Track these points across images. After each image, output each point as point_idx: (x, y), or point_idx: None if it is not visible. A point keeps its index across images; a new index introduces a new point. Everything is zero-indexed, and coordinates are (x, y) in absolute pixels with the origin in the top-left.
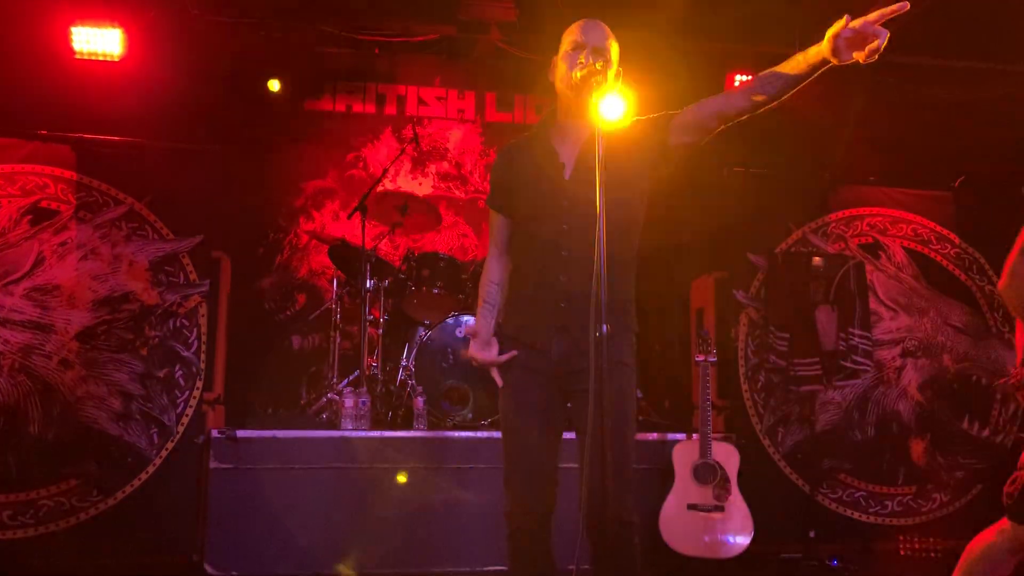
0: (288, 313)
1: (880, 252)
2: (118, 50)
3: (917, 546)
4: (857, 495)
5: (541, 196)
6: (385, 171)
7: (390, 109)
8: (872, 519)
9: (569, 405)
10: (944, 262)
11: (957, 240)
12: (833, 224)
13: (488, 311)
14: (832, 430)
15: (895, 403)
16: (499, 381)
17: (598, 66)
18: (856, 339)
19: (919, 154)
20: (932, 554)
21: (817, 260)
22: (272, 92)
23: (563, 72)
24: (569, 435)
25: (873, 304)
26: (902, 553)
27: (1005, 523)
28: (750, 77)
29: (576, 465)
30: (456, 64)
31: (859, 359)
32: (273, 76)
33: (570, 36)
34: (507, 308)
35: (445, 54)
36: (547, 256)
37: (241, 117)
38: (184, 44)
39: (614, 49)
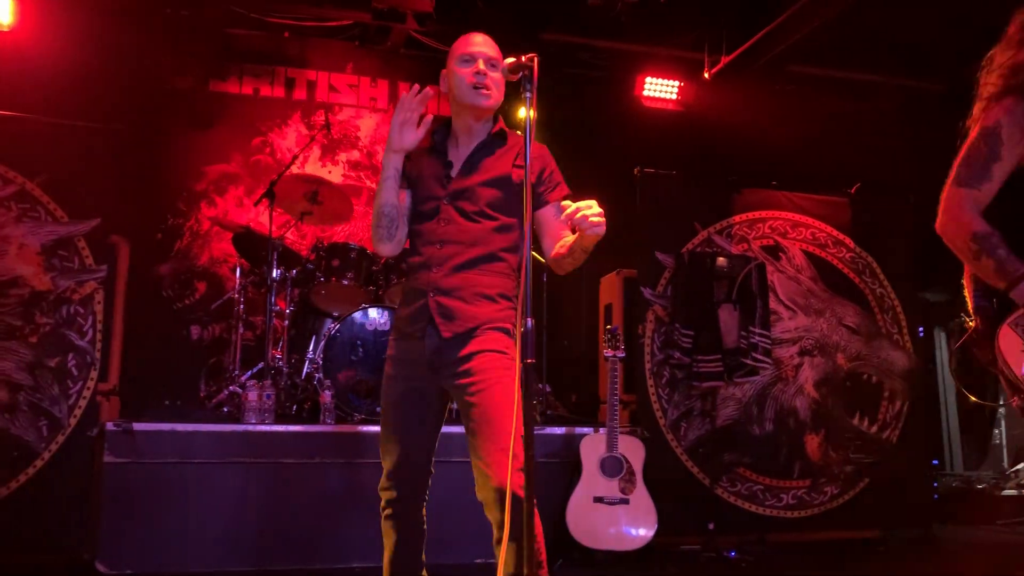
0: (187, 302)
1: (780, 254)
2: (7, 19)
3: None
4: (755, 488)
5: (427, 192)
6: (295, 157)
7: (299, 94)
8: (768, 511)
9: (452, 405)
10: (839, 265)
11: (852, 244)
12: (737, 226)
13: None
14: (732, 425)
15: (792, 400)
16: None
17: (527, 59)
18: (756, 337)
19: (819, 160)
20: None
21: (721, 260)
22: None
23: (460, 79)
24: (455, 429)
25: (773, 304)
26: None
27: None
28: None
29: (463, 459)
30: (369, 52)
31: (759, 357)
32: (177, 53)
33: (462, 48)
34: (401, 298)
35: (358, 41)
36: (426, 250)
37: (142, 95)
38: (82, 17)
39: (502, 60)
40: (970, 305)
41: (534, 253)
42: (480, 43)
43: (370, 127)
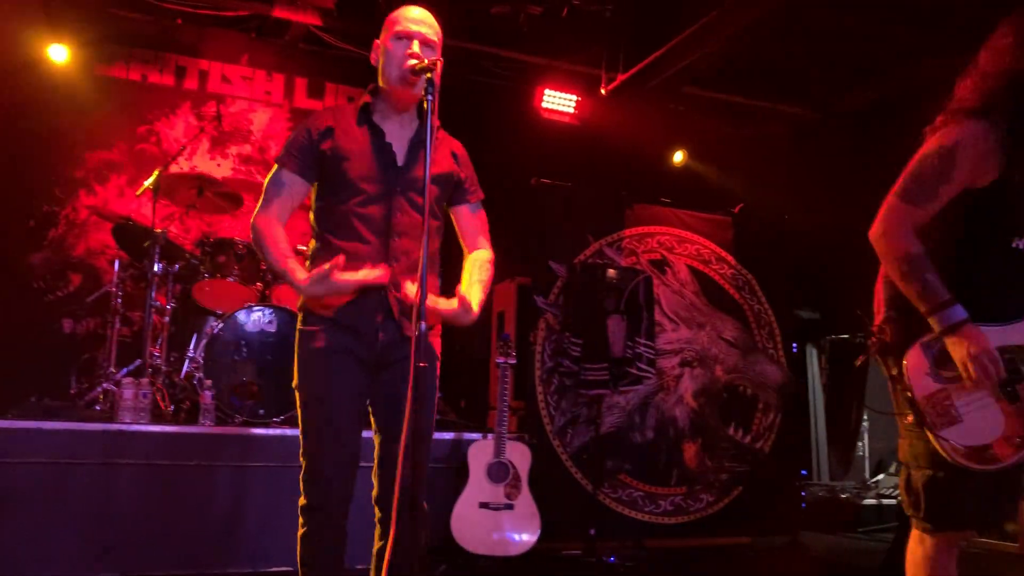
0: (60, 294)
1: (667, 268)
2: None
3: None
4: (635, 494)
5: (374, 177)
6: (182, 148)
7: (190, 83)
8: (647, 517)
9: (368, 402)
10: (721, 281)
11: (733, 261)
12: (627, 240)
13: (298, 264)
14: (616, 432)
15: (672, 409)
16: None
17: (431, 62)
18: (641, 348)
19: (706, 180)
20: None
21: (611, 272)
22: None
23: (392, 59)
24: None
25: (658, 316)
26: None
27: (917, 533)
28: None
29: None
30: (266, 44)
31: (643, 366)
32: (58, 32)
33: (399, 23)
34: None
35: (255, 33)
36: (377, 239)
37: (16, 74)
38: None
39: (440, 43)
40: (879, 312)
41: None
42: (418, 20)
43: (263, 121)
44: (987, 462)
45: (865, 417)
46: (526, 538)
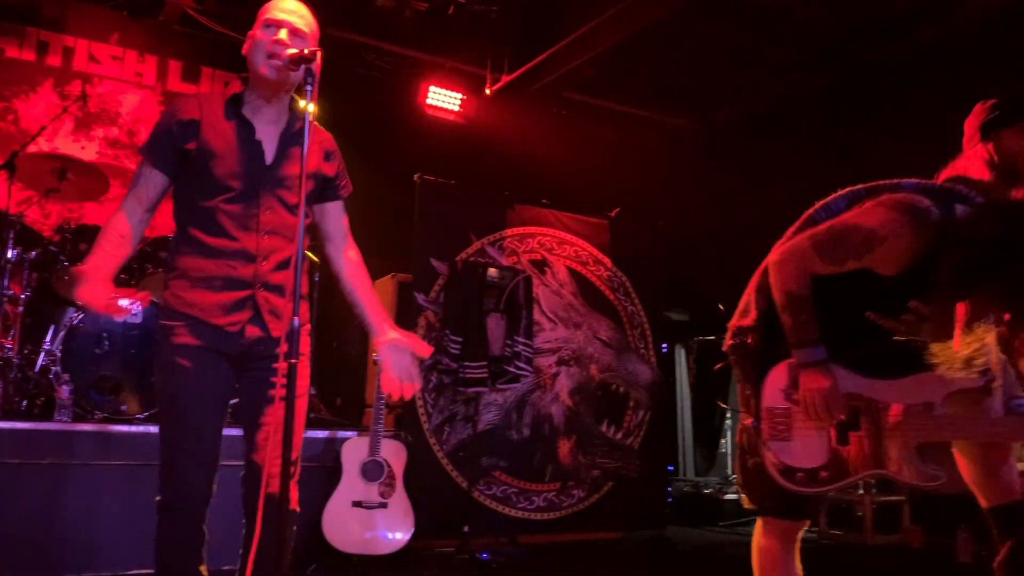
0: None
1: (546, 269)
2: None
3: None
4: (509, 491)
5: (241, 174)
6: (42, 128)
7: (53, 60)
8: (520, 514)
9: (235, 401)
10: (597, 282)
11: (609, 263)
12: (509, 239)
13: (107, 257)
14: (493, 430)
15: (549, 406)
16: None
17: (305, 52)
18: (520, 346)
19: (585, 183)
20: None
21: (492, 271)
22: None
23: (258, 46)
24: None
25: (537, 315)
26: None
27: (759, 523)
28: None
29: (239, 462)
30: (139, 24)
31: (521, 364)
32: None
33: (268, 11)
34: (182, 281)
35: (127, 10)
36: (242, 236)
37: None
38: None
39: (314, 34)
40: (748, 314)
41: (308, 252)
42: (289, 10)
43: (133, 104)
44: (794, 483)
45: (728, 415)
46: (399, 536)
